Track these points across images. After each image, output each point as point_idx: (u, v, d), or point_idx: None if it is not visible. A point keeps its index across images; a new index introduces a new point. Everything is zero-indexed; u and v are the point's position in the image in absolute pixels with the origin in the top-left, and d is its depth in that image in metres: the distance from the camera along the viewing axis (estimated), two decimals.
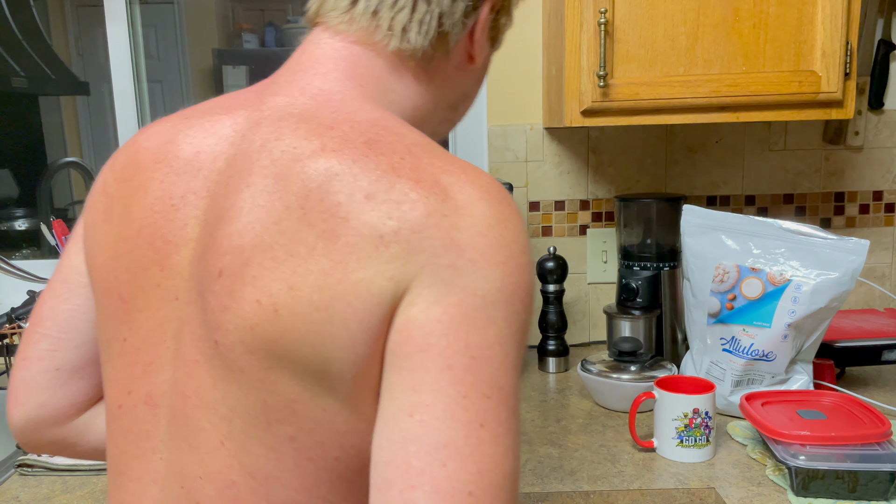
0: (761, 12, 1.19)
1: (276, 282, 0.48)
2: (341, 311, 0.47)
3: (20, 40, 2.64)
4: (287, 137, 0.52)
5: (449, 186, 0.49)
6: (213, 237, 0.52)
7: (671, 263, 1.41)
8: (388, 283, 0.47)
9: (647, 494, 0.95)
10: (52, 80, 2.84)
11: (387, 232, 0.47)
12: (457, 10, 0.59)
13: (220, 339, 0.51)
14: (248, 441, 0.51)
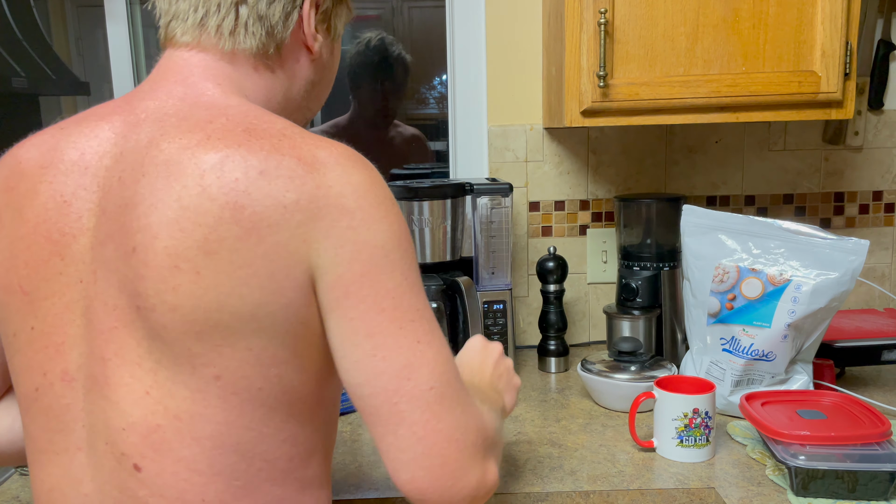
0: (761, 12, 1.19)
1: (190, 249, 0.57)
2: (266, 266, 0.58)
3: (20, 40, 2.64)
4: (172, 133, 0.61)
5: (325, 160, 0.61)
6: (119, 222, 0.60)
7: (671, 263, 1.41)
8: (302, 244, 0.59)
9: (647, 494, 0.95)
10: (52, 80, 2.83)
11: (289, 203, 0.58)
12: (275, 12, 0.69)
13: (141, 304, 0.59)
14: (173, 387, 0.60)
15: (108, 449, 0.62)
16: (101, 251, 0.61)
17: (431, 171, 1.83)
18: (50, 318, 0.63)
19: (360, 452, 1.09)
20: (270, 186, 0.58)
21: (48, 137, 0.67)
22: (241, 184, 0.58)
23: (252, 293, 0.58)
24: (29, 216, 0.64)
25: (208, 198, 0.58)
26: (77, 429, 0.64)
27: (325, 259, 0.59)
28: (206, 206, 0.58)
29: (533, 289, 1.59)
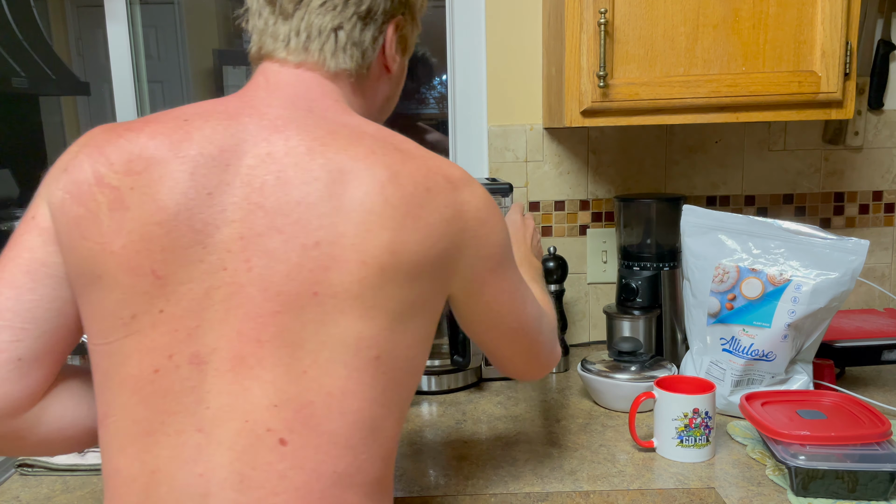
0: (761, 12, 1.19)
1: (377, 247, 0.65)
2: (432, 263, 0.69)
3: (21, 40, 2.64)
4: (331, 144, 0.68)
5: (459, 179, 0.72)
6: (290, 217, 0.65)
7: (671, 263, 1.41)
8: (456, 250, 0.71)
9: (647, 494, 0.95)
10: (52, 80, 2.84)
11: (448, 217, 0.70)
12: (366, 37, 0.77)
13: (320, 291, 0.65)
14: (331, 366, 0.66)
15: (246, 426, 0.65)
16: (259, 242, 0.65)
17: None
18: (185, 302, 0.65)
19: None
20: (436, 202, 0.69)
21: (173, 127, 0.68)
22: (416, 197, 0.67)
23: (420, 286, 0.69)
24: (167, 203, 0.65)
25: (391, 206, 0.66)
26: (200, 410, 0.65)
27: (470, 260, 0.73)
28: (389, 212, 0.66)
29: None
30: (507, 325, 0.81)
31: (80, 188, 0.68)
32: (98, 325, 0.68)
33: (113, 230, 0.66)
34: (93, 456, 1.06)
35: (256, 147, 0.68)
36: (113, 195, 0.66)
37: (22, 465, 1.05)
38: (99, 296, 0.67)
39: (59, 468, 1.04)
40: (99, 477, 1.03)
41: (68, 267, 0.69)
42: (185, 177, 0.66)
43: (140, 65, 1.75)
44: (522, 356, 0.86)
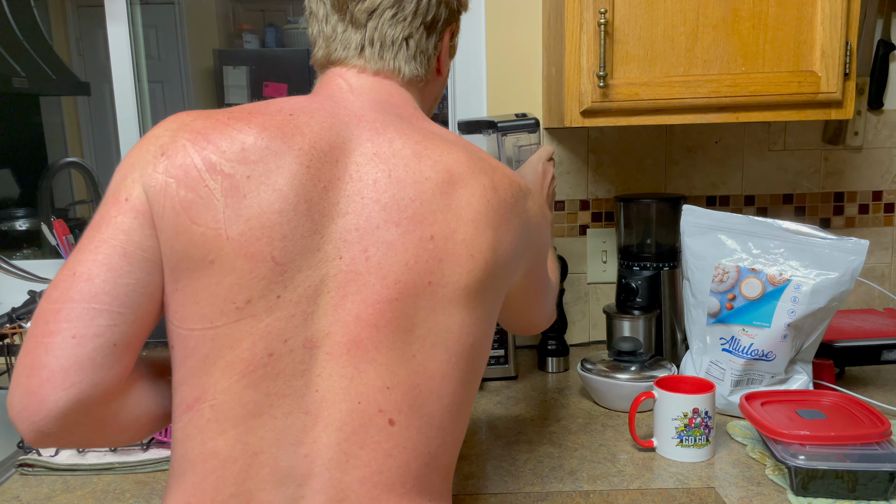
0: (761, 12, 1.19)
1: (484, 243, 0.73)
2: (516, 259, 0.78)
3: (21, 40, 2.64)
4: (433, 148, 0.74)
5: (527, 188, 0.81)
6: (405, 212, 0.70)
7: (671, 263, 1.41)
8: (523, 249, 0.80)
9: (647, 494, 0.95)
10: (52, 80, 2.84)
11: (527, 219, 0.79)
12: (430, 45, 0.83)
13: (433, 281, 0.70)
14: (436, 351, 0.71)
15: (359, 408, 0.68)
16: (377, 233, 0.70)
17: None
18: (302, 289, 0.68)
19: None
20: (517, 208, 0.77)
21: (281, 121, 0.71)
22: (507, 203, 0.76)
23: (510, 278, 0.79)
24: (286, 192, 0.68)
25: (493, 209, 0.74)
26: (309, 392, 0.68)
27: (532, 254, 0.83)
28: (492, 214, 0.74)
29: None
30: (527, 300, 0.89)
31: (187, 173, 0.68)
32: (203, 309, 0.68)
33: (229, 217, 0.67)
34: (93, 456, 1.07)
35: (362, 146, 0.72)
36: (227, 182, 0.68)
37: (22, 464, 1.05)
38: (208, 281, 0.68)
39: (59, 468, 1.04)
40: (99, 477, 1.03)
41: (169, 251, 0.69)
42: (301, 169, 0.69)
43: (140, 65, 1.75)
44: (526, 318, 0.95)
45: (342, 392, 0.68)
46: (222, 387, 0.68)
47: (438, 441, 0.72)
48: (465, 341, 0.73)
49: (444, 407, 0.72)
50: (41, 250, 2.47)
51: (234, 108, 0.74)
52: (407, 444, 0.70)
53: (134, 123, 1.64)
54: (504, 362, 1.38)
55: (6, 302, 1.55)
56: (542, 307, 0.95)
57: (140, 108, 1.67)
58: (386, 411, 0.69)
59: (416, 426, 0.70)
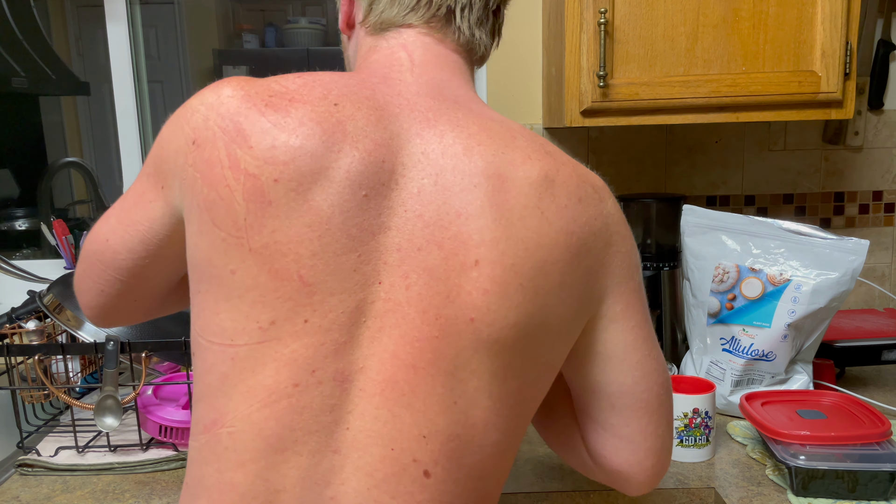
0: (761, 12, 1.19)
1: (533, 269, 0.61)
2: (578, 287, 0.64)
3: (20, 40, 2.64)
4: (486, 143, 0.63)
5: (603, 188, 0.69)
6: (448, 230, 0.60)
7: (671, 263, 1.41)
8: (601, 268, 0.66)
9: (647, 494, 0.95)
10: (52, 80, 2.84)
11: (597, 230, 0.65)
12: (498, 8, 0.74)
13: (476, 317, 0.60)
14: (478, 397, 0.61)
15: (392, 455, 0.60)
16: (418, 256, 0.60)
17: None
18: (333, 314, 0.59)
19: None
20: (587, 214, 0.64)
21: (323, 113, 0.61)
22: (570, 210, 0.63)
23: (566, 312, 0.64)
24: (320, 204, 0.59)
25: (547, 221, 0.62)
26: (339, 430, 0.60)
27: (613, 279, 0.66)
28: (545, 228, 0.61)
29: None
30: (655, 369, 0.70)
31: (211, 169, 0.61)
32: (223, 322, 0.61)
33: (251, 224, 0.59)
34: (93, 456, 1.06)
35: (410, 144, 0.63)
36: (251, 184, 0.59)
37: (22, 465, 1.05)
38: (229, 292, 0.60)
39: (58, 468, 1.04)
40: (99, 477, 1.03)
41: (194, 248, 0.63)
42: (339, 174, 0.59)
43: (140, 65, 1.75)
44: (654, 438, 0.71)
45: (375, 435, 0.60)
46: (242, 414, 0.60)
47: (478, 493, 0.64)
48: (511, 385, 0.63)
49: (487, 457, 0.63)
50: (41, 250, 2.47)
51: (278, 84, 0.63)
52: (443, 498, 0.62)
53: (134, 123, 1.64)
54: None
55: (6, 302, 1.55)
56: (657, 415, 0.70)
57: (140, 108, 1.67)
58: (421, 462, 0.61)
59: (453, 479, 0.62)
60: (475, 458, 0.63)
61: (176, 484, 1.00)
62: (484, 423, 0.62)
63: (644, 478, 0.72)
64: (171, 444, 1.08)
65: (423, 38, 0.70)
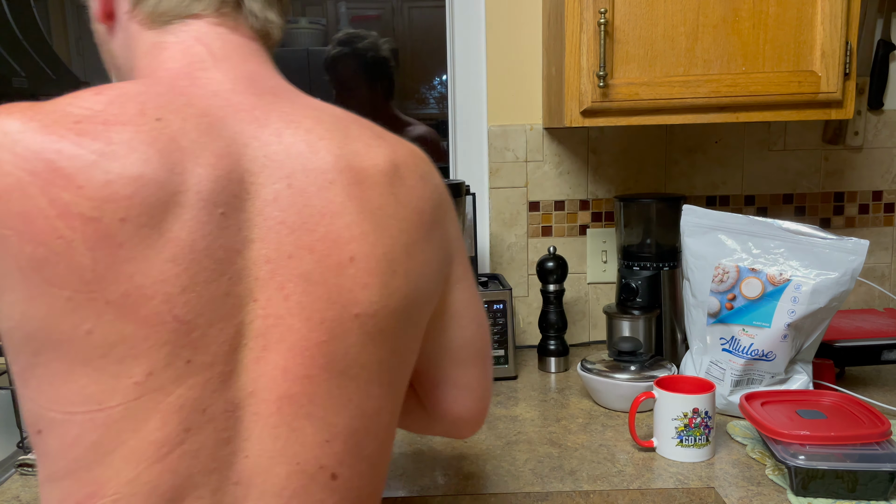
0: (761, 12, 1.19)
1: (401, 254, 0.61)
2: (436, 260, 0.66)
3: (20, 40, 2.64)
4: (328, 136, 0.61)
5: (428, 160, 0.70)
6: (316, 232, 0.58)
7: (671, 263, 1.41)
8: (446, 235, 0.68)
9: (647, 494, 0.95)
10: (52, 79, 2.83)
11: (438, 202, 0.68)
12: None
13: (360, 312, 0.59)
14: (370, 388, 0.62)
15: (299, 468, 0.59)
16: (290, 264, 0.57)
17: None
18: (214, 346, 0.55)
19: None
20: (429, 189, 0.66)
21: (150, 132, 0.54)
22: (417, 189, 0.64)
23: (431, 285, 0.66)
24: (178, 233, 0.53)
25: (402, 205, 0.62)
26: (238, 461, 0.57)
27: (455, 244, 0.69)
28: (402, 212, 0.62)
29: (533, 289, 1.59)
30: (484, 320, 0.76)
31: (31, 222, 0.51)
32: (86, 388, 0.53)
33: (103, 275, 0.52)
34: None
35: (248, 148, 0.58)
36: (91, 229, 0.51)
37: (22, 465, 1.05)
38: (87, 354, 0.53)
39: None
40: None
41: (20, 316, 0.53)
42: (191, 197, 0.54)
43: None
44: (486, 382, 0.77)
45: (277, 455, 0.58)
46: (127, 478, 0.54)
47: (377, 479, 0.66)
48: (398, 371, 0.65)
49: (381, 443, 0.65)
50: None
51: (77, 107, 0.54)
52: (350, 495, 0.62)
53: None
54: (504, 362, 1.38)
55: None
56: (484, 364, 0.76)
57: None
58: (327, 466, 0.60)
59: (357, 473, 0.62)
60: (373, 446, 0.64)
61: None
62: (376, 411, 0.63)
63: (480, 418, 0.79)
64: None
65: (216, 28, 0.64)
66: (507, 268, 1.58)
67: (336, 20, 3.31)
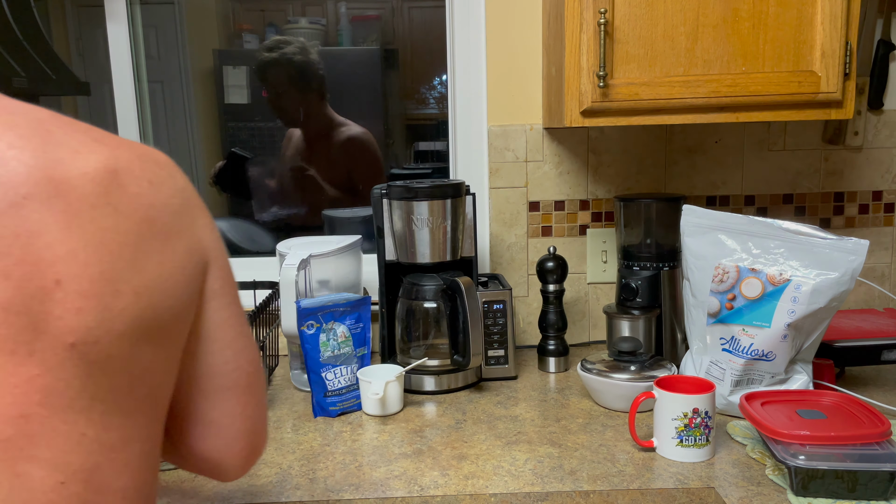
0: (761, 12, 1.19)
1: (125, 270, 0.55)
2: (181, 271, 0.59)
3: (21, 40, 2.64)
4: (17, 142, 0.53)
5: (167, 160, 0.63)
6: (12, 256, 0.51)
7: (671, 263, 1.41)
8: (198, 243, 0.62)
9: (647, 494, 0.95)
10: (52, 80, 2.83)
11: (178, 207, 0.61)
12: None
13: (76, 340, 0.53)
14: (107, 418, 0.55)
15: None
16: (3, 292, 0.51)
17: (431, 170, 1.84)
18: None
19: (360, 452, 1.09)
20: (163, 195, 0.59)
21: None
22: (145, 197, 0.57)
23: (176, 302, 0.59)
24: None
25: (123, 215, 0.55)
26: None
27: (211, 253, 0.63)
28: (124, 224, 0.55)
29: (533, 289, 1.59)
30: (246, 346, 0.68)
31: None
32: None
33: None
34: None
35: None
36: None
37: None
38: None
39: None
40: None
41: None
42: None
43: (140, 65, 1.75)
44: (242, 420, 0.69)
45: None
46: None
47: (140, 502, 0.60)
48: (140, 392, 0.58)
49: (137, 471, 0.59)
50: None
51: None
52: None
53: (134, 123, 1.65)
54: (504, 362, 1.38)
55: None
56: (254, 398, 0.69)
57: (140, 108, 1.67)
58: None
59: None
60: (125, 479, 0.58)
61: (176, 484, 1.00)
62: (123, 442, 0.57)
63: (236, 462, 0.69)
64: None
65: None
66: (507, 268, 1.58)
67: (336, 20, 3.32)
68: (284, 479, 1.01)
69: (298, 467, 1.05)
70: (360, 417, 1.23)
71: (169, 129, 3.14)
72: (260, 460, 1.06)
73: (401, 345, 1.39)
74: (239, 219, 2.52)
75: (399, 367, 1.28)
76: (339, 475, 1.02)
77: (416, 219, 1.33)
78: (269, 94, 2.27)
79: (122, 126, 1.64)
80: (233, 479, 0.72)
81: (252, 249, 2.42)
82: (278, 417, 1.23)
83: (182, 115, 3.16)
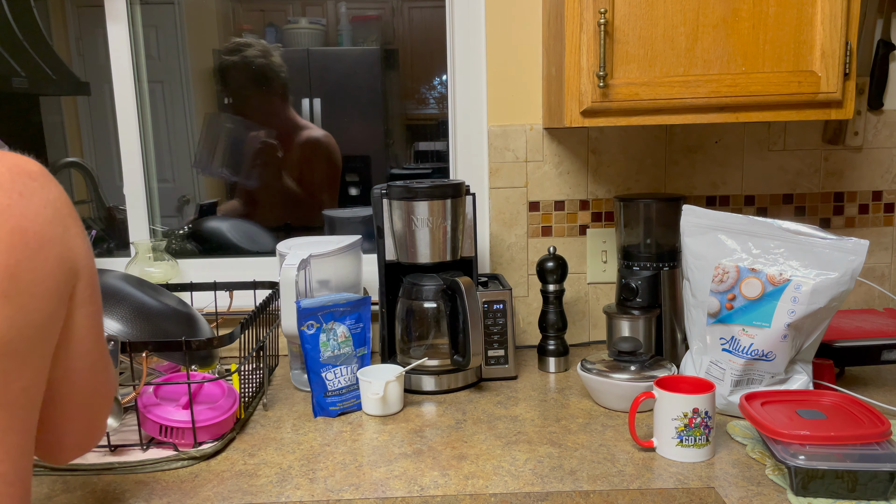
0: (761, 12, 1.19)
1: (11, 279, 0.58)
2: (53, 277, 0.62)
3: (21, 40, 2.64)
4: None
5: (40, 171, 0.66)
6: None
7: (671, 263, 1.41)
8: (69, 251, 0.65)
9: (647, 494, 0.95)
10: (52, 80, 2.84)
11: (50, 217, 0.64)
12: None
13: None
14: None
15: None
16: None
17: (431, 170, 1.85)
18: None
19: (360, 452, 1.09)
20: (34, 206, 0.61)
21: None
22: (15, 208, 0.60)
23: (48, 306, 0.62)
24: None
25: None
26: None
27: (82, 262, 0.66)
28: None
29: (533, 289, 1.59)
30: (101, 357, 0.72)
31: None
32: None
33: None
34: (93, 456, 1.06)
35: None
36: None
37: None
38: None
39: (59, 468, 1.04)
40: (99, 477, 1.03)
41: None
42: None
43: (140, 65, 1.75)
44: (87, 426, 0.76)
45: None
46: None
47: (19, 493, 0.64)
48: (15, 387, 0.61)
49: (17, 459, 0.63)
50: None
51: None
52: None
53: (134, 123, 1.64)
54: (504, 362, 1.38)
55: None
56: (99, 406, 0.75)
57: (140, 108, 1.67)
58: None
59: None
60: (7, 464, 0.61)
61: (176, 484, 1.00)
62: (2, 431, 0.61)
63: (58, 460, 0.76)
64: (172, 444, 1.08)
65: None
66: (507, 268, 1.58)
67: (336, 20, 3.32)
68: (284, 479, 1.01)
69: (298, 467, 1.05)
70: (361, 417, 1.23)
71: (169, 129, 3.14)
72: (260, 460, 1.06)
73: (401, 345, 1.39)
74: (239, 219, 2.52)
75: (399, 367, 1.28)
76: (339, 475, 1.02)
77: (416, 219, 1.33)
78: (233, 98, 2.27)
79: (122, 126, 1.64)
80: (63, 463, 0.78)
81: (252, 249, 2.42)
82: (278, 417, 1.23)
83: (182, 115, 3.16)
